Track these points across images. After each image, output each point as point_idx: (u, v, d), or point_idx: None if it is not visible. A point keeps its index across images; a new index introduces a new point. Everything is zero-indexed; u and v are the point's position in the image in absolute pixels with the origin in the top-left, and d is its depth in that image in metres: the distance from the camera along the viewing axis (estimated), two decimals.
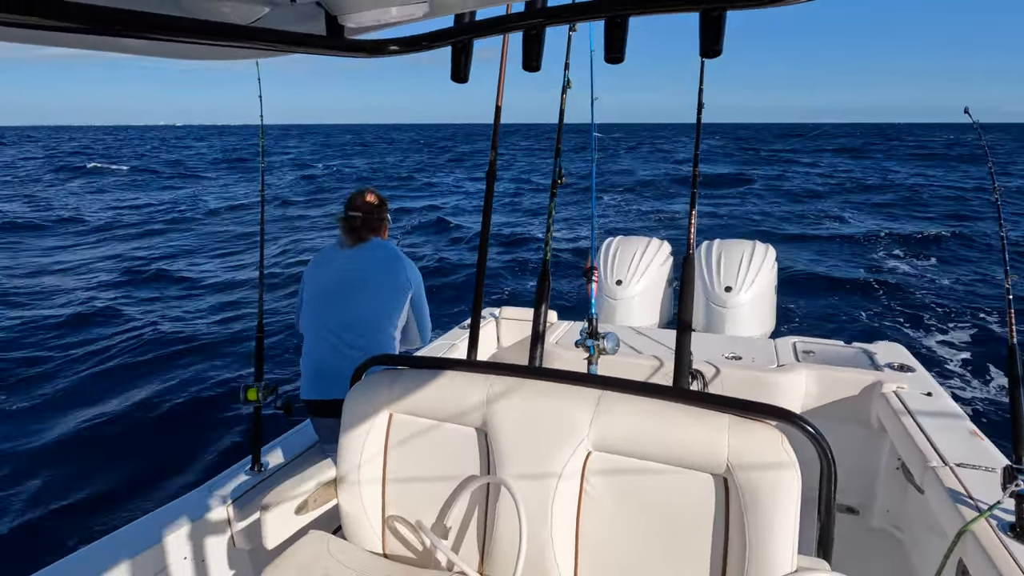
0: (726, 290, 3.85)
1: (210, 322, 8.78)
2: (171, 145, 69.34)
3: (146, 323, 8.47)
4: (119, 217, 18.05)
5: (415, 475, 1.58)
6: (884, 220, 16.11)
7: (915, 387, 2.46)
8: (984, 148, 2.14)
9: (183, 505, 1.91)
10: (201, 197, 22.95)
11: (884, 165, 34.90)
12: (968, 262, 11.04)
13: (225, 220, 17.68)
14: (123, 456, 5.36)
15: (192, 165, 39.71)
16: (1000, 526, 1.57)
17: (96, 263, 12.21)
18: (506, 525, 1.41)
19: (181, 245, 14.10)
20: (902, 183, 25.20)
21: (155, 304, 9.49)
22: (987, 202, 16.32)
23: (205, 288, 10.48)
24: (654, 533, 1.32)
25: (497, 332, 3.49)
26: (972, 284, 9.45)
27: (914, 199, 20.51)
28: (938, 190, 22.85)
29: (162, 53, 1.00)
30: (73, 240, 14.67)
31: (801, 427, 1.28)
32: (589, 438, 1.37)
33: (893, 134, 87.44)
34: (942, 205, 18.90)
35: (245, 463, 2.13)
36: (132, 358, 7.34)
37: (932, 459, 1.92)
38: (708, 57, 0.78)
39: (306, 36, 0.86)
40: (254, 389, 2.11)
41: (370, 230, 2.44)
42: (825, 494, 1.28)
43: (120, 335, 7.98)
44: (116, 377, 6.81)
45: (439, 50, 0.98)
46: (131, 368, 7.06)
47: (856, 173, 29.70)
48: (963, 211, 17.36)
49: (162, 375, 6.94)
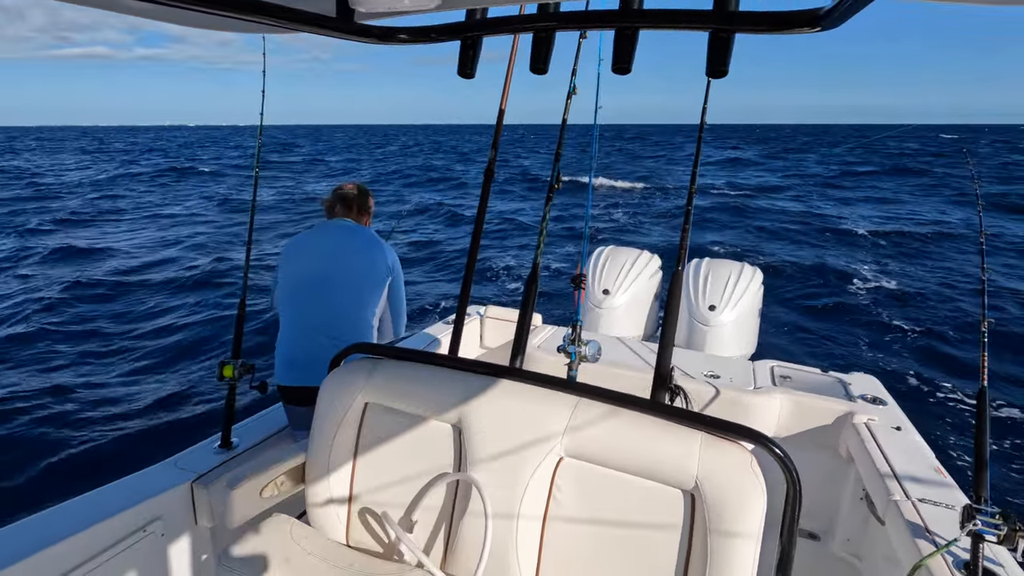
0: (710, 308, 3.89)
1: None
2: (228, 146, 67.21)
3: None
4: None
5: (385, 467, 1.57)
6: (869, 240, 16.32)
7: (885, 420, 2.50)
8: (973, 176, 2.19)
9: (147, 477, 1.88)
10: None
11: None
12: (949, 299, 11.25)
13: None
14: (90, 425, 5.28)
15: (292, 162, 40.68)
16: (955, 563, 1.60)
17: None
18: (472, 523, 1.41)
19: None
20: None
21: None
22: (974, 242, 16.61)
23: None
24: (618, 542, 1.33)
25: (481, 330, 3.49)
26: (949, 321, 9.62)
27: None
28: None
29: (167, 18, 0.99)
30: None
31: (771, 450, 1.29)
32: (562, 443, 1.37)
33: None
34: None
35: (214, 440, 2.11)
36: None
37: (895, 492, 1.95)
38: (714, 77, 0.78)
39: (316, 16, 0.86)
40: (230, 366, 2.09)
41: (353, 210, 2.45)
42: (788, 518, 1.30)
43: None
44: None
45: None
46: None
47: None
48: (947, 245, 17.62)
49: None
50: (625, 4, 0.83)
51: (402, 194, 23.52)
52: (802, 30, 0.69)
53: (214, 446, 2.07)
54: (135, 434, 5.09)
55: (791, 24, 0.69)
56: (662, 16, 0.78)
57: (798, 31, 0.69)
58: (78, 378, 6.20)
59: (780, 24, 0.70)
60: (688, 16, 0.77)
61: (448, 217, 17.91)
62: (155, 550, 1.77)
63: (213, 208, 20.14)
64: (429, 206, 20.00)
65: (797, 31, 0.69)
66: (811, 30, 0.68)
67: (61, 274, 10.65)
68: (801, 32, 0.69)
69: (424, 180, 29.45)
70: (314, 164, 40.75)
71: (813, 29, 0.68)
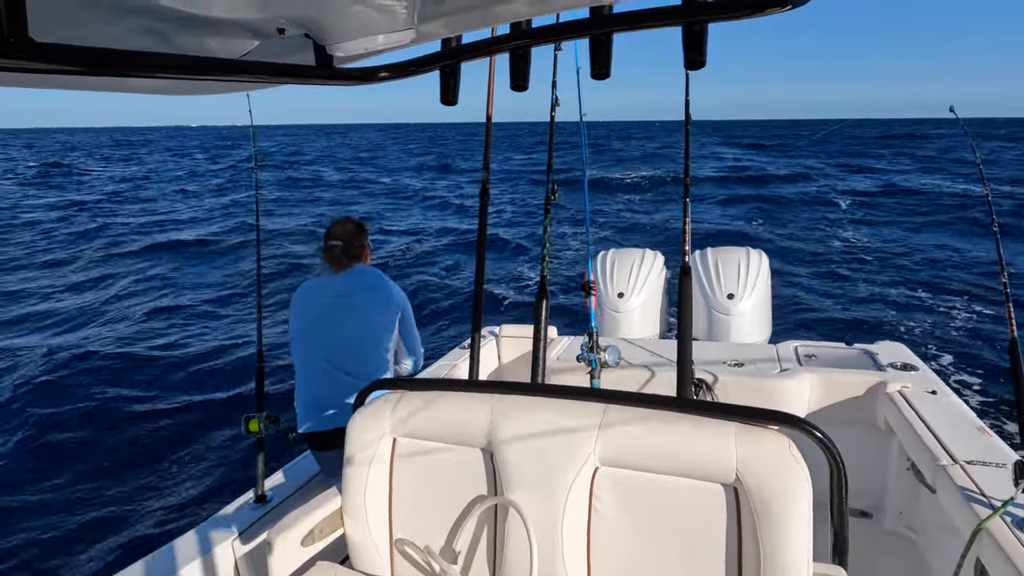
0: (728, 297, 3.86)
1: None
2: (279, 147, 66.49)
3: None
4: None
5: (421, 499, 1.56)
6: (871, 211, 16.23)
7: (919, 386, 2.45)
8: (972, 147, 2.16)
9: (189, 540, 1.88)
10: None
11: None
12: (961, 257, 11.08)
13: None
14: (123, 483, 5.31)
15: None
16: (1015, 522, 1.55)
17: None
18: (516, 546, 1.39)
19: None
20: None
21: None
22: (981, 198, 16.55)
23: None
24: (666, 545, 1.31)
25: (498, 350, 3.48)
26: (969, 274, 9.48)
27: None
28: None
29: (154, 90, 1.01)
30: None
31: (808, 432, 1.27)
32: (595, 453, 1.36)
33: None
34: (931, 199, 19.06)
35: (249, 496, 2.11)
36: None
37: (942, 458, 1.91)
38: (692, 69, 0.79)
39: (296, 67, 0.88)
40: (255, 420, 2.10)
41: (351, 257, 2.45)
42: (836, 499, 1.27)
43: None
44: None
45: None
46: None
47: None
48: (950, 204, 17.51)
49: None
50: (595, 11, 0.84)
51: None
52: (772, 10, 0.69)
53: (250, 502, 2.07)
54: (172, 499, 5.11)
55: (761, 6, 0.70)
56: (632, 17, 0.79)
57: (769, 12, 0.69)
58: None
59: (750, 7, 0.71)
60: (658, 14, 0.77)
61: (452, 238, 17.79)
62: None
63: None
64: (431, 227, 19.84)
65: (768, 12, 0.69)
66: (781, 9, 0.69)
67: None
68: (772, 12, 0.69)
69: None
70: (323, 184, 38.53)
71: (783, 8, 0.68)
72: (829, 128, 79.14)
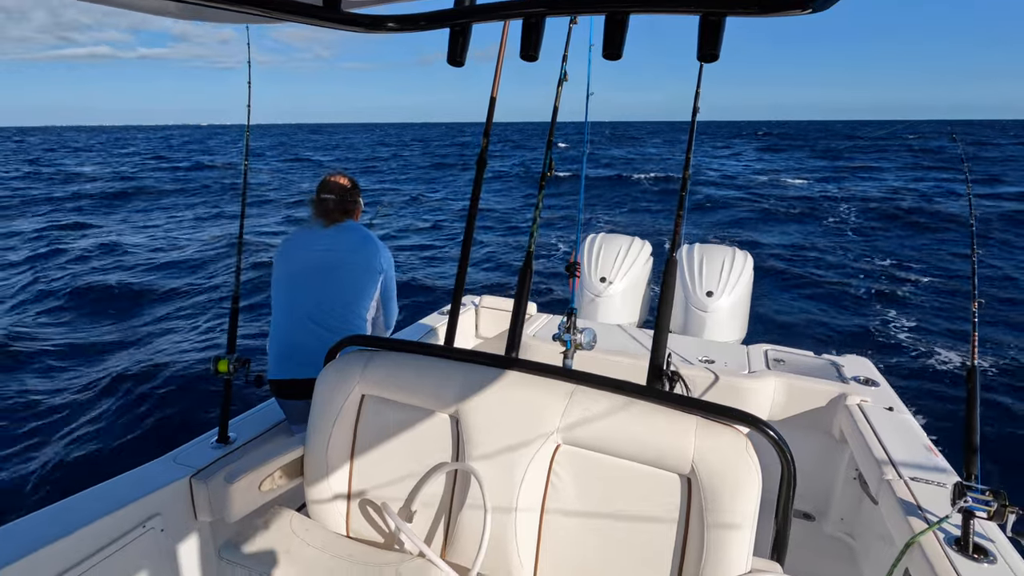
0: (707, 294, 3.90)
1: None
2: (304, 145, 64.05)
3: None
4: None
5: (383, 458, 1.57)
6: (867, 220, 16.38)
7: (878, 401, 2.52)
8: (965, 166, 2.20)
9: (145, 473, 1.88)
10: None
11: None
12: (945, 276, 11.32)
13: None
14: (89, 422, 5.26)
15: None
16: (947, 539, 1.62)
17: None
18: (471, 512, 1.42)
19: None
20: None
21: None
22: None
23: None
24: (615, 527, 1.34)
25: (476, 320, 3.49)
26: (940, 304, 9.70)
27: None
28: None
29: (159, 11, 0.97)
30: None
31: (765, 433, 1.31)
32: (559, 431, 1.38)
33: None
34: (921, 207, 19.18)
35: (212, 435, 2.11)
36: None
37: (888, 472, 1.98)
38: (706, 61, 0.78)
39: (303, 5, 0.85)
40: (225, 361, 2.08)
41: (343, 212, 2.43)
42: (783, 499, 1.31)
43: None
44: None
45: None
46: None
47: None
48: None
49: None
50: None
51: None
52: (793, 12, 0.69)
53: (211, 441, 2.07)
54: (132, 431, 5.08)
55: (782, 6, 0.69)
56: (653, 0, 0.78)
57: (789, 13, 0.69)
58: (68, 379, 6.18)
59: (771, 6, 0.70)
60: (678, 0, 0.76)
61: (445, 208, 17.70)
62: (155, 545, 1.77)
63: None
64: (424, 195, 19.75)
65: (788, 13, 0.69)
66: (802, 11, 0.68)
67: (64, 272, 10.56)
68: (792, 13, 0.69)
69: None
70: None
71: (804, 11, 0.68)
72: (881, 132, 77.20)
